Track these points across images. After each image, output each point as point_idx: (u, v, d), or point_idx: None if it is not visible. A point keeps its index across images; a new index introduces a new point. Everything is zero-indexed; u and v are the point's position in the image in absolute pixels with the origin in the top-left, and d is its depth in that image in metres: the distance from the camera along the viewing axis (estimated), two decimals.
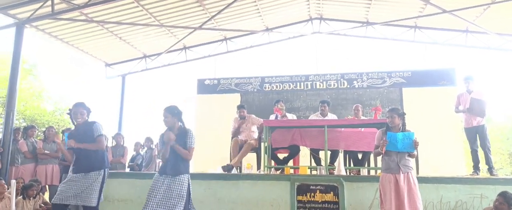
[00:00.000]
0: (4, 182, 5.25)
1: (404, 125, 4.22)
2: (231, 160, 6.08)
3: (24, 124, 13.61)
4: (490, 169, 5.82)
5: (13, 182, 4.97)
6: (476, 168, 5.91)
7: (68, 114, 4.26)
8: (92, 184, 4.05)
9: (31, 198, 5.37)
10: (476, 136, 5.95)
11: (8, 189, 5.28)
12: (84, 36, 9.45)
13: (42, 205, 5.58)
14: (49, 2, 7.27)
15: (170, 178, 3.92)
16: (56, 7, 7.41)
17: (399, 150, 4.05)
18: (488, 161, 5.86)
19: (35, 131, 6.99)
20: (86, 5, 7.45)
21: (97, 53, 10.71)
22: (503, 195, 3.91)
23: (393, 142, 4.04)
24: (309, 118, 7.11)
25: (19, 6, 7.38)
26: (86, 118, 4.22)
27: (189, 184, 4.02)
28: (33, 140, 6.81)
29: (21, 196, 5.34)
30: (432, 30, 10.41)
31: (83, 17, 8.37)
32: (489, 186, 4.53)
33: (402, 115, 4.23)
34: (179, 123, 4.12)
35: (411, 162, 4.14)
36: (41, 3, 7.31)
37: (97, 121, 4.24)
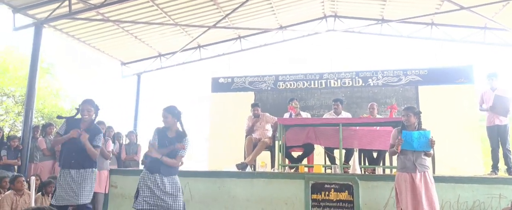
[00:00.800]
0: (23, 178, 5.37)
1: (420, 123, 4.16)
2: (245, 158, 6.09)
3: (43, 122, 13.89)
4: (509, 169, 5.72)
5: (33, 178, 5.08)
6: (495, 167, 5.81)
7: (76, 109, 4.21)
8: (85, 181, 3.97)
9: (49, 195, 5.47)
10: (497, 135, 5.83)
11: (27, 185, 5.41)
12: (100, 35, 9.59)
13: None
14: (67, 2, 7.40)
15: (165, 177, 3.86)
16: (73, 7, 7.53)
17: (415, 149, 4.00)
18: (507, 161, 5.75)
19: (53, 129, 7.14)
20: (102, 5, 7.56)
21: (113, 52, 10.86)
22: None
23: (408, 141, 3.99)
24: (323, 117, 7.07)
25: (38, 6, 7.54)
26: (93, 116, 4.15)
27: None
28: (51, 137, 6.95)
29: (40, 193, 5.46)
30: (449, 27, 10.23)
31: (99, 17, 8.49)
32: (508, 186, 4.44)
33: (418, 114, 4.17)
34: (178, 124, 4.03)
35: (427, 161, 4.08)
36: (58, 3, 7.45)
37: (102, 131, 4.22)
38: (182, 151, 3.94)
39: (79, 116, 4.20)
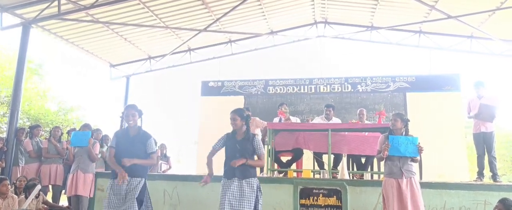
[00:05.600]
0: (8, 182, 5.27)
1: (407, 131, 4.22)
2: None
3: (28, 124, 13.66)
4: (494, 176, 5.80)
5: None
6: (480, 174, 5.88)
7: (120, 117, 4.12)
8: (133, 190, 3.84)
9: (34, 198, 5.39)
10: (483, 142, 5.92)
11: (11, 188, 5.32)
12: (89, 37, 9.50)
13: (43, 205, 5.60)
14: (56, 3, 7.31)
15: (243, 180, 3.93)
16: (63, 8, 7.45)
17: (402, 154, 4.04)
18: (492, 168, 5.83)
19: (40, 131, 7.02)
20: (92, 6, 7.49)
21: (102, 54, 10.76)
22: (502, 202, 3.92)
23: (396, 146, 4.04)
24: (314, 121, 7.11)
25: (26, 6, 7.43)
26: (138, 121, 4.02)
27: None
28: (38, 139, 6.83)
29: (24, 195, 5.37)
30: (437, 36, 10.39)
31: (89, 18, 8.41)
32: (493, 192, 4.52)
33: (405, 121, 4.24)
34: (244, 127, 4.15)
35: (414, 167, 4.13)
36: (47, 4, 7.36)
37: (152, 136, 4.07)
38: (261, 150, 4.05)
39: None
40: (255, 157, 4.06)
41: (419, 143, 4.04)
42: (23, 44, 7.42)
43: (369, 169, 6.00)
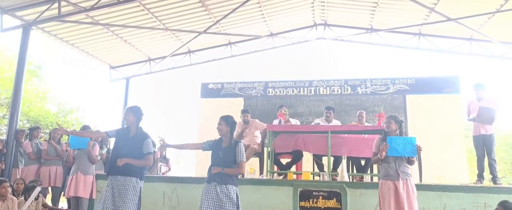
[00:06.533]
0: (8, 184, 5.26)
1: (401, 132, 4.24)
2: None
3: (28, 125, 13.65)
4: (494, 178, 5.79)
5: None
6: (480, 176, 5.88)
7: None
8: (129, 191, 3.97)
9: (33, 200, 5.38)
10: (482, 144, 5.92)
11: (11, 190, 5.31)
12: (89, 38, 9.50)
13: (42, 207, 5.59)
14: (56, 5, 7.32)
15: (223, 185, 3.96)
16: (63, 10, 7.46)
17: (401, 155, 4.05)
18: (492, 170, 5.83)
19: (40, 132, 7.02)
20: (92, 8, 7.50)
21: (102, 56, 10.76)
22: (502, 204, 3.92)
23: (394, 146, 4.05)
24: (314, 122, 7.11)
25: (26, 8, 7.43)
26: (135, 121, 4.14)
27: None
28: (37, 141, 6.83)
29: (23, 197, 5.36)
30: (437, 38, 10.39)
31: (89, 20, 8.42)
32: (493, 195, 4.51)
33: (399, 122, 4.27)
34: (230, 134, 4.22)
35: (410, 169, 4.14)
36: (48, 6, 7.37)
37: (150, 137, 4.18)
38: (242, 158, 4.06)
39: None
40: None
41: (417, 143, 4.05)
42: (23, 46, 7.42)
43: (369, 171, 6.00)
